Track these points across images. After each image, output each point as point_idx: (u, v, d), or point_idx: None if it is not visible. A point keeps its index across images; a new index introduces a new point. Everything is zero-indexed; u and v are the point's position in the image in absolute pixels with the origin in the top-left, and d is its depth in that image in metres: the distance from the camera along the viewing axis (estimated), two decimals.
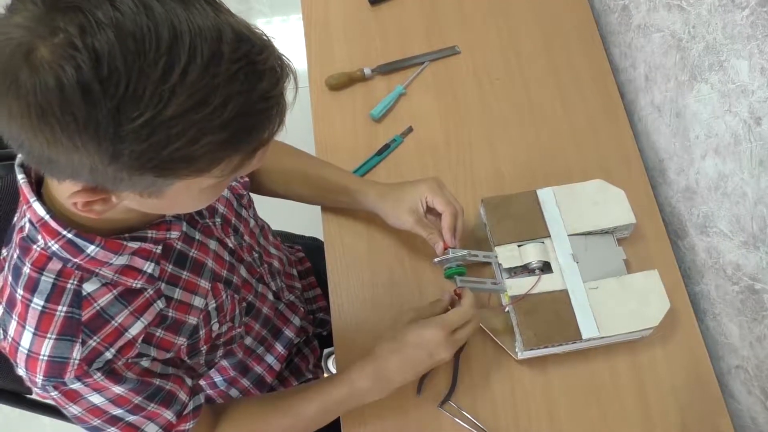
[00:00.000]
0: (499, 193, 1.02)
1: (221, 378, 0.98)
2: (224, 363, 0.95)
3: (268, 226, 1.07)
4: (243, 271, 0.88)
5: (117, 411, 0.68)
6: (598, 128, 1.12)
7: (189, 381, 0.76)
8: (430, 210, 0.94)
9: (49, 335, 0.62)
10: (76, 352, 0.62)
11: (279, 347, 1.00)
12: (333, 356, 1.05)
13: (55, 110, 0.45)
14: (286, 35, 2.26)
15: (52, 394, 0.64)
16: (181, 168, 0.51)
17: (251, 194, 0.98)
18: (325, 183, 1.00)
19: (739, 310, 0.90)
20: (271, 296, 0.97)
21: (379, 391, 0.84)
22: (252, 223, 0.94)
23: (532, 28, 1.22)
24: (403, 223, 0.94)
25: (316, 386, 0.86)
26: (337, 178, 1.00)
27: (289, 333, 1.02)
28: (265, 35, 0.53)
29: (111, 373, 0.65)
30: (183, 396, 0.74)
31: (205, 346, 0.79)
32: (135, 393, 0.68)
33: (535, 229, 0.97)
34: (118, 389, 0.66)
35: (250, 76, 0.50)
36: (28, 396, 0.94)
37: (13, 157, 0.80)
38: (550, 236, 0.96)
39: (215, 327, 0.80)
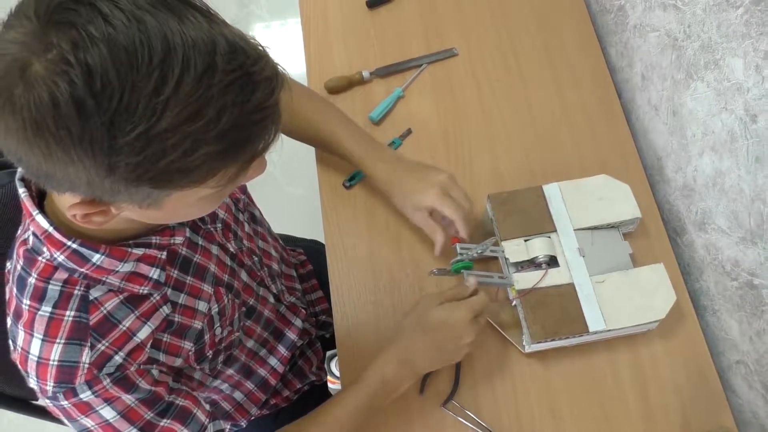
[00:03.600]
0: None
1: (225, 384, 0.98)
2: (228, 371, 0.95)
3: (268, 225, 1.07)
4: (244, 276, 0.89)
5: (130, 430, 0.67)
6: (596, 128, 1.13)
7: (207, 405, 0.75)
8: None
9: (58, 340, 0.62)
10: (86, 356, 0.62)
11: (281, 349, 1.01)
12: (336, 358, 1.05)
13: (50, 125, 0.46)
14: (285, 39, 2.26)
15: (63, 403, 0.64)
16: (177, 179, 0.52)
17: (250, 194, 0.98)
18: (335, 146, 0.98)
19: (738, 305, 0.91)
20: (272, 299, 0.97)
21: (408, 377, 0.85)
22: (247, 227, 0.95)
23: (529, 30, 1.22)
24: (407, 215, 0.97)
25: (346, 390, 0.85)
26: (349, 146, 0.97)
27: (291, 335, 1.02)
28: (261, 45, 0.53)
29: (122, 380, 0.65)
30: (201, 416, 0.73)
31: (210, 351, 0.80)
32: (146, 406, 0.67)
33: (541, 223, 0.97)
34: (128, 398, 0.65)
35: (245, 87, 0.50)
36: (34, 402, 0.95)
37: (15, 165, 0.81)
38: (556, 231, 0.97)
39: (218, 331, 0.81)
